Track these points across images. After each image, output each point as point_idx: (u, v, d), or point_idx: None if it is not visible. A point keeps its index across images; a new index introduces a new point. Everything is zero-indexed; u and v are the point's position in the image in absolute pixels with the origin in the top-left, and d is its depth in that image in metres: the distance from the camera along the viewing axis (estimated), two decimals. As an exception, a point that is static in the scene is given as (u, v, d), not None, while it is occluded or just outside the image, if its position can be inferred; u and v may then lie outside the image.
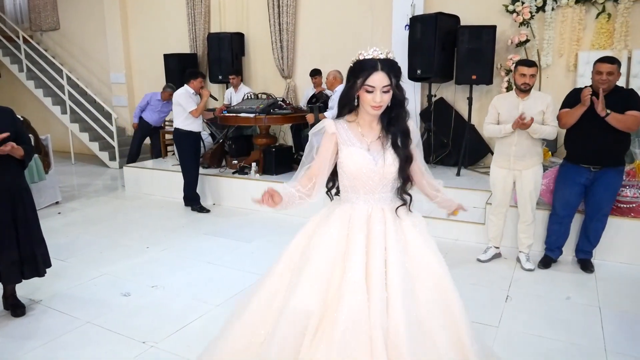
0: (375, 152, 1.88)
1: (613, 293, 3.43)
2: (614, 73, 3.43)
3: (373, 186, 1.89)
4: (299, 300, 1.79)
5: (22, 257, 3.15)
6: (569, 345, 2.75)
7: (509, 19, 5.81)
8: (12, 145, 2.92)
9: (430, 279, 1.87)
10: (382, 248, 1.83)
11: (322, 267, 1.83)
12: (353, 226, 1.87)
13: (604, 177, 3.58)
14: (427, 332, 1.80)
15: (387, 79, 1.77)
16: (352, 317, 1.70)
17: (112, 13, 8.94)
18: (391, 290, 1.77)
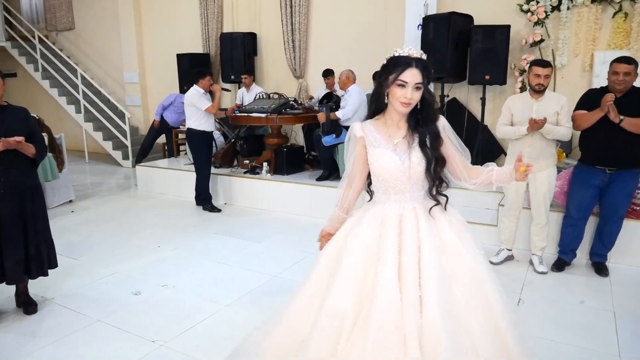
0: (402, 152, 1.88)
1: (628, 297, 3.37)
2: (631, 73, 3.37)
3: (402, 186, 1.90)
4: (334, 301, 1.82)
5: (28, 255, 3.18)
6: (581, 350, 2.71)
7: (524, 18, 5.73)
8: (17, 139, 2.94)
9: (467, 277, 1.85)
10: (415, 247, 1.83)
11: (355, 268, 1.85)
12: (385, 227, 1.88)
13: (619, 179, 3.51)
14: (464, 329, 1.78)
15: (420, 77, 1.80)
16: (386, 315, 1.72)
17: (126, 13, 9.01)
18: (425, 288, 1.76)
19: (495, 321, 1.85)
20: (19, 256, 3.11)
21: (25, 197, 3.13)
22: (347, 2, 6.97)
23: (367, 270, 1.84)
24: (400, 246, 1.83)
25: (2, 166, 3.00)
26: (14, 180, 3.07)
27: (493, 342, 1.83)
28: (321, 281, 1.97)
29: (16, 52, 9.89)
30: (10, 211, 3.06)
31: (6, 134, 2.94)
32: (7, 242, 3.07)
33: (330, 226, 2.12)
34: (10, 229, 3.07)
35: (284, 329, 1.99)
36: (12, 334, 3.00)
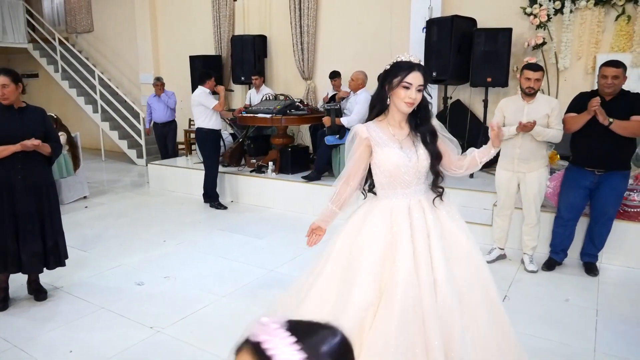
0: (408, 150, 2.04)
1: (613, 297, 3.43)
2: (620, 77, 3.43)
3: (409, 180, 2.05)
4: (358, 298, 1.92)
5: (46, 248, 3.38)
6: (558, 345, 2.79)
7: (527, 21, 5.79)
8: (35, 142, 3.14)
9: (465, 260, 2.05)
10: (424, 236, 1.99)
11: (374, 262, 1.97)
12: (396, 219, 2.02)
13: (608, 180, 3.57)
14: (467, 306, 1.98)
15: (422, 80, 1.97)
16: (406, 300, 1.87)
17: (142, 16, 9.29)
18: (437, 272, 1.94)
19: (492, 299, 2.07)
20: (36, 249, 3.31)
21: (42, 193, 3.33)
22: (354, 6, 7.10)
23: (384, 263, 1.98)
24: (413, 236, 1.99)
25: (21, 164, 3.20)
26: (32, 178, 3.27)
27: (491, 319, 2.05)
28: (332, 278, 2.06)
29: (37, 54, 10.27)
30: (29, 207, 3.26)
31: (25, 135, 3.15)
32: (25, 236, 3.27)
33: (321, 220, 2.21)
34: (29, 223, 3.27)
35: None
36: (23, 319, 3.21)
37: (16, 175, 3.20)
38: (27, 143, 3.13)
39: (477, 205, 4.92)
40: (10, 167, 3.16)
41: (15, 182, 3.20)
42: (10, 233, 3.23)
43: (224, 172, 6.30)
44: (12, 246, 3.24)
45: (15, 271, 3.32)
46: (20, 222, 3.25)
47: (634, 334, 2.92)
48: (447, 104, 6.23)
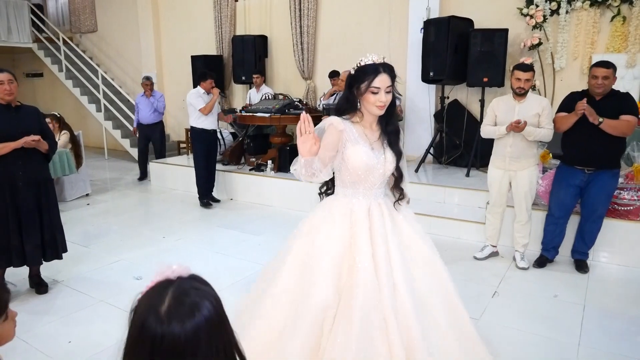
0: (377, 151, 2.06)
1: (601, 293, 3.48)
2: (610, 77, 3.48)
3: (373, 182, 2.07)
4: (318, 298, 1.92)
5: (44, 240, 3.49)
6: (544, 339, 2.86)
7: (523, 22, 5.84)
8: (35, 138, 3.26)
9: (423, 263, 2.10)
10: (384, 238, 2.02)
11: (333, 262, 1.98)
12: (356, 219, 2.04)
13: (598, 179, 3.63)
14: (429, 309, 2.03)
15: (389, 80, 1.97)
16: (367, 303, 1.88)
17: (145, 17, 9.40)
18: (395, 275, 1.97)
19: (451, 298, 2.12)
20: (37, 242, 3.44)
21: (40, 188, 3.45)
22: (353, 7, 7.18)
23: (343, 263, 1.98)
24: (372, 238, 2.00)
25: (21, 161, 3.31)
26: (32, 174, 3.39)
27: (452, 321, 2.08)
28: (290, 277, 2.06)
29: (42, 54, 10.39)
30: (30, 201, 3.39)
31: (24, 132, 3.26)
32: (28, 229, 3.39)
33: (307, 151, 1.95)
34: (30, 217, 3.39)
35: (260, 327, 2.04)
36: (25, 312, 3.28)
37: (17, 171, 3.31)
38: (28, 139, 3.23)
39: (472, 204, 4.99)
40: (12, 164, 3.27)
41: (17, 178, 3.32)
42: (14, 228, 3.34)
43: (223, 170, 6.39)
44: (15, 240, 3.35)
45: (19, 264, 3.42)
46: (23, 216, 3.37)
47: (618, 329, 2.98)
48: (445, 104, 6.29)
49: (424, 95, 6.51)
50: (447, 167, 6.28)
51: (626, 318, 3.11)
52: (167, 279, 0.98)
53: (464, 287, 3.56)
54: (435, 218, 4.74)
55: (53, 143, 3.51)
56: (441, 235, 4.57)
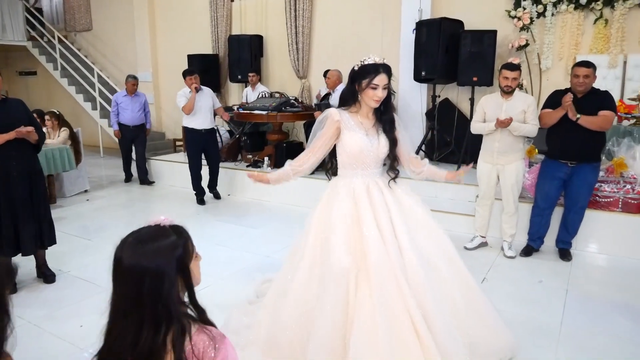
0: (372, 136, 2.39)
1: (583, 279, 3.71)
2: (590, 76, 3.71)
3: (368, 163, 2.40)
4: (335, 261, 2.21)
5: (41, 228, 3.62)
6: (529, 318, 3.07)
7: (511, 23, 6.07)
8: (29, 129, 3.38)
9: (423, 227, 2.44)
10: (385, 209, 2.33)
11: (344, 232, 2.28)
12: (358, 196, 2.36)
13: (580, 172, 3.85)
14: (433, 266, 2.35)
15: (387, 79, 2.31)
16: (379, 264, 2.19)
17: (141, 15, 9.51)
18: (400, 238, 2.29)
19: (456, 264, 2.48)
20: (33, 231, 3.56)
21: (32, 179, 3.56)
22: (347, 7, 7.36)
23: (352, 232, 2.28)
24: (374, 210, 2.31)
25: (15, 152, 3.42)
26: (25, 165, 3.50)
27: (456, 279, 2.42)
28: (314, 253, 2.37)
29: (37, 52, 10.45)
30: (24, 192, 3.50)
31: (13, 124, 3.36)
32: (23, 219, 3.50)
33: (275, 175, 2.55)
34: (25, 207, 3.50)
35: (292, 304, 2.36)
36: (34, 300, 3.44)
37: (11, 162, 3.42)
38: (22, 130, 3.35)
39: (462, 198, 5.20)
40: (5, 155, 3.37)
41: (11, 169, 3.42)
42: (8, 218, 3.44)
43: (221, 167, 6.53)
44: (8, 231, 3.43)
45: (12, 254, 3.47)
46: (19, 206, 3.47)
47: (597, 310, 3.20)
48: (436, 103, 6.49)
49: (416, 93, 6.70)
50: (438, 163, 6.46)
51: (605, 301, 3.33)
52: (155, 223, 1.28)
53: (455, 274, 3.77)
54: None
55: (42, 133, 3.62)
56: (433, 228, 4.77)
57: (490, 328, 2.50)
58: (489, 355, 2.42)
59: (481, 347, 2.39)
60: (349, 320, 2.19)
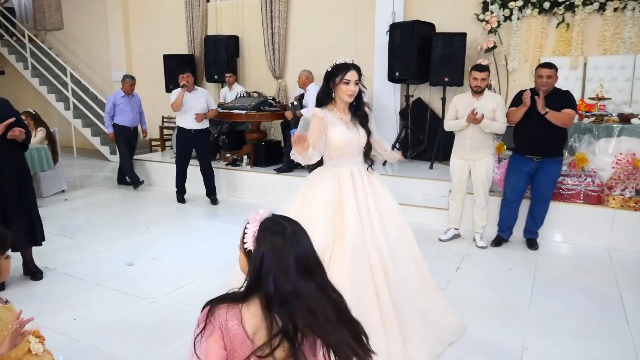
0: (352, 129, 2.65)
1: (549, 266, 3.99)
2: (552, 76, 4.00)
3: (352, 152, 2.67)
4: (318, 240, 2.39)
5: (33, 225, 3.68)
6: (500, 302, 3.32)
7: (480, 27, 6.36)
8: (20, 130, 3.45)
9: (391, 214, 2.73)
10: (364, 194, 2.62)
11: (327, 212, 2.55)
12: (343, 181, 2.63)
13: (545, 166, 4.14)
14: (396, 249, 2.64)
15: (357, 75, 2.57)
16: (355, 243, 2.49)
17: (114, 14, 9.46)
18: (374, 222, 2.58)
19: (414, 252, 2.81)
20: (24, 226, 3.61)
21: (21, 176, 3.61)
22: (322, 9, 7.54)
23: (335, 213, 2.57)
24: (356, 194, 2.61)
25: (5, 150, 3.47)
26: (15, 162, 3.56)
27: (411, 258, 2.76)
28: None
29: (6, 51, 10.25)
30: (14, 188, 3.55)
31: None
32: (13, 215, 3.55)
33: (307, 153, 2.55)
34: (15, 203, 3.56)
35: None
36: (24, 296, 3.48)
37: (2, 159, 3.47)
38: (16, 131, 3.40)
39: (435, 193, 5.44)
40: None
41: (2, 167, 3.48)
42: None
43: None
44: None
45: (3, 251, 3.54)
46: (9, 203, 3.52)
47: (562, 293, 3.47)
48: (409, 102, 6.74)
49: (389, 93, 6.93)
50: (412, 161, 6.72)
51: (569, 285, 3.61)
52: (267, 217, 1.42)
53: (432, 264, 3.90)
54: (403, 206, 4.96)
55: (28, 133, 3.66)
56: (409, 222, 4.85)
57: (440, 308, 2.85)
58: (446, 332, 2.77)
59: (439, 325, 2.75)
60: None
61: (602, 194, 4.47)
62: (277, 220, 1.41)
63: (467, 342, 2.80)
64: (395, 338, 2.45)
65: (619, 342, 2.83)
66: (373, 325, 2.42)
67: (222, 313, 1.34)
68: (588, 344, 2.81)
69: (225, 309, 1.35)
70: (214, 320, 1.34)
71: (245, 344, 1.33)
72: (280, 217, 1.44)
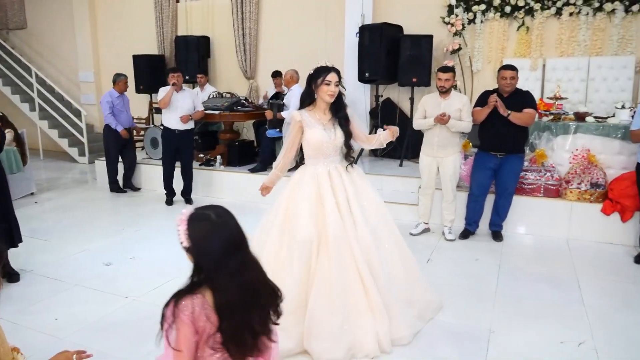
0: (329, 130, 2.82)
1: (513, 256, 4.25)
2: (515, 77, 4.26)
3: (328, 153, 2.84)
4: (303, 233, 2.69)
5: (11, 227, 3.67)
6: (469, 289, 3.54)
7: (445, 29, 6.62)
8: None
9: (374, 207, 2.93)
10: (343, 190, 2.81)
11: (309, 208, 2.73)
12: (321, 180, 2.81)
13: (508, 162, 4.39)
14: (379, 238, 2.85)
15: (337, 77, 2.78)
16: (336, 233, 2.68)
17: (81, 13, 9.31)
18: (355, 214, 2.78)
19: (396, 236, 3.01)
20: (3, 228, 3.59)
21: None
22: (293, 11, 7.66)
23: (317, 209, 2.75)
24: (334, 191, 2.79)
25: None
26: None
27: (396, 248, 2.95)
28: (285, 222, 2.81)
29: (-34, 51, 9.93)
30: None
31: None
32: None
33: (269, 181, 3.00)
34: None
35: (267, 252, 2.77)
36: (3, 298, 3.40)
37: None
38: None
39: (405, 189, 5.65)
40: None
41: None
42: None
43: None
44: None
45: None
46: None
47: (524, 279, 3.73)
48: (379, 102, 6.94)
49: (360, 93, 7.11)
50: (382, 159, 6.92)
51: (531, 272, 3.87)
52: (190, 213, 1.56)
53: (403, 256, 4.19)
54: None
55: (2, 134, 3.67)
56: (381, 217, 5.18)
57: (422, 287, 3.10)
58: (426, 310, 3.05)
59: (419, 303, 3.02)
60: (310, 279, 2.69)
61: (561, 188, 4.76)
62: (200, 211, 1.57)
63: (440, 327, 2.99)
64: (382, 318, 2.69)
65: (577, 322, 3.08)
66: (361, 309, 2.68)
67: (188, 303, 1.50)
68: (549, 325, 3.04)
69: (190, 299, 1.51)
70: (179, 311, 1.50)
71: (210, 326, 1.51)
72: (202, 208, 1.59)
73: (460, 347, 2.79)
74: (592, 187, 4.62)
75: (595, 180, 4.61)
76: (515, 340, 2.86)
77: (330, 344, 2.58)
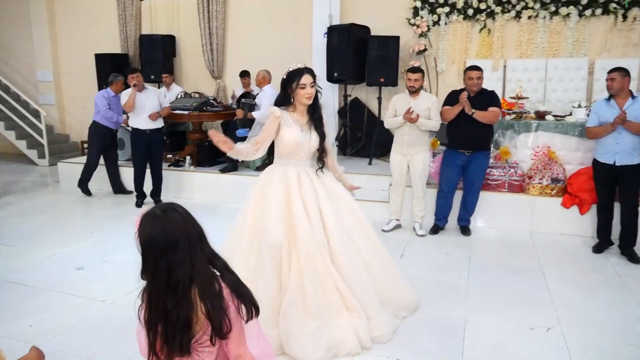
0: (305, 132, 2.81)
1: (481, 249, 4.44)
2: (481, 77, 4.44)
3: (301, 155, 2.83)
4: (271, 237, 2.69)
5: None
6: (441, 282, 3.69)
7: (411, 30, 6.79)
8: None
9: (347, 208, 2.95)
10: (312, 194, 2.79)
11: (278, 212, 2.72)
12: (289, 183, 2.79)
13: (475, 159, 4.57)
14: (353, 240, 2.88)
15: (312, 78, 2.75)
16: (305, 239, 2.68)
17: (38, 12, 8.99)
18: (325, 218, 2.78)
19: (372, 237, 3.03)
20: None
21: None
22: (260, 10, 7.67)
23: (285, 214, 2.74)
24: (302, 194, 2.78)
25: None
26: None
27: (371, 247, 2.97)
28: (253, 228, 2.80)
29: None
30: None
31: None
32: None
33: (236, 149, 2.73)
34: None
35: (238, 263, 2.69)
36: (-29, 306, 3.34)
37: None
38: None
39: (376, 187, 5.76)
40: None
41: None
42: None
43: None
44: None
45: None
46: None
47: (493, 271, 3.91)
48: (347, 101, 7.05)
49: (328, 93, 7.16)
50: (352, 157, 7.04)
51: (499, 265, 4.06)
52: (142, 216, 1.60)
53: (378, 252, 4.29)
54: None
55: None
56: (353, 215, 5.28)
57: (399, 287, 3.12)
58: (400, 308, 3.06)
59: (394, 302, 3.02)
60: (282, 283, 2.70)
61: (524, 183, 4.99)
62: (149, 211, 1.61)
63: (417, 320, 3.10)
64: (359, 315, 2.73)
65: (544, 309, 3.27)
66: (336, 308, 2.70)
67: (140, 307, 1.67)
68: (518, 312, 3.21)
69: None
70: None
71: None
72: (153, 208, 1.64)
73: (438, 338, 2.91)
74: (553, 182, 4.87)
75: (555, 176, 4.86)
76: (489, 329, 3.01)
77: (310, 345, 2.59)
